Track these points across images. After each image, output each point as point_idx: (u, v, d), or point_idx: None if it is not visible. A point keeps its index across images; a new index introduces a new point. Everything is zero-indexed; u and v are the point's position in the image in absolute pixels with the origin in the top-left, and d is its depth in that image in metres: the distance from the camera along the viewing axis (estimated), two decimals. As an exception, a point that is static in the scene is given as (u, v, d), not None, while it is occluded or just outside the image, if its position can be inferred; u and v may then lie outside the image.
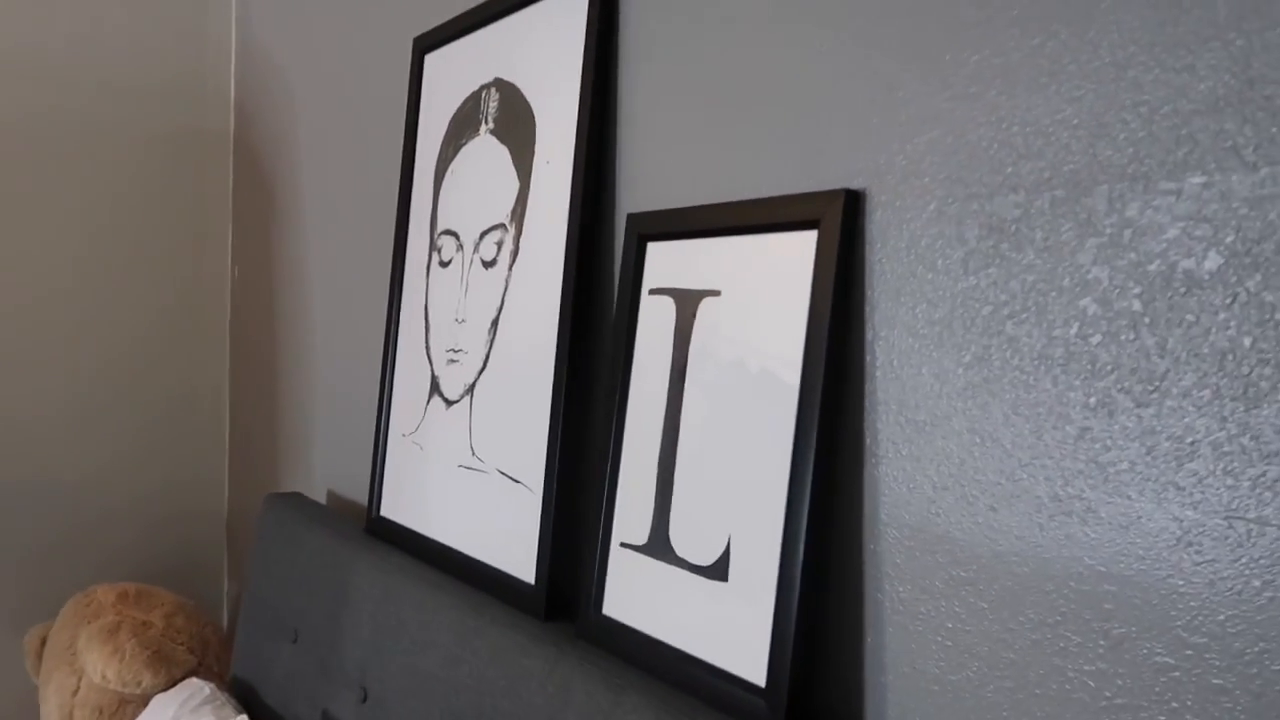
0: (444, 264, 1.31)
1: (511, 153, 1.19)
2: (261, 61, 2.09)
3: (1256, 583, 0.55)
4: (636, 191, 1.03)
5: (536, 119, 1.14)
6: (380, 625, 1.23)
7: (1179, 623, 0.59)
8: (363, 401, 1.63)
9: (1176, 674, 0.59)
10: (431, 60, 1.40)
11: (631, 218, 1.00)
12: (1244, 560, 0.56)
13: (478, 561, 1.16)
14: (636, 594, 0.94)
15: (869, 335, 0.77)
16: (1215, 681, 0.57)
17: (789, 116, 0.85)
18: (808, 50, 0.83)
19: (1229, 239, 0.56)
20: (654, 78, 1.00)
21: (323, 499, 1.77)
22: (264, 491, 2.07)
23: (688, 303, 0.92)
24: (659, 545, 0.92)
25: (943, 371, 0.72)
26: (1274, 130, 0.55)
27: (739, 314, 0.86)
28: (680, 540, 0.90)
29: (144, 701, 1.75)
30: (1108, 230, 0.62)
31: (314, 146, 1.85)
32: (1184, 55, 0.58)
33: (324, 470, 1.79)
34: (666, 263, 0.96)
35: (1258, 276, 0.55)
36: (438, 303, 1.32)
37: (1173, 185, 0.59)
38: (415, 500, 1.32)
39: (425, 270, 1.35)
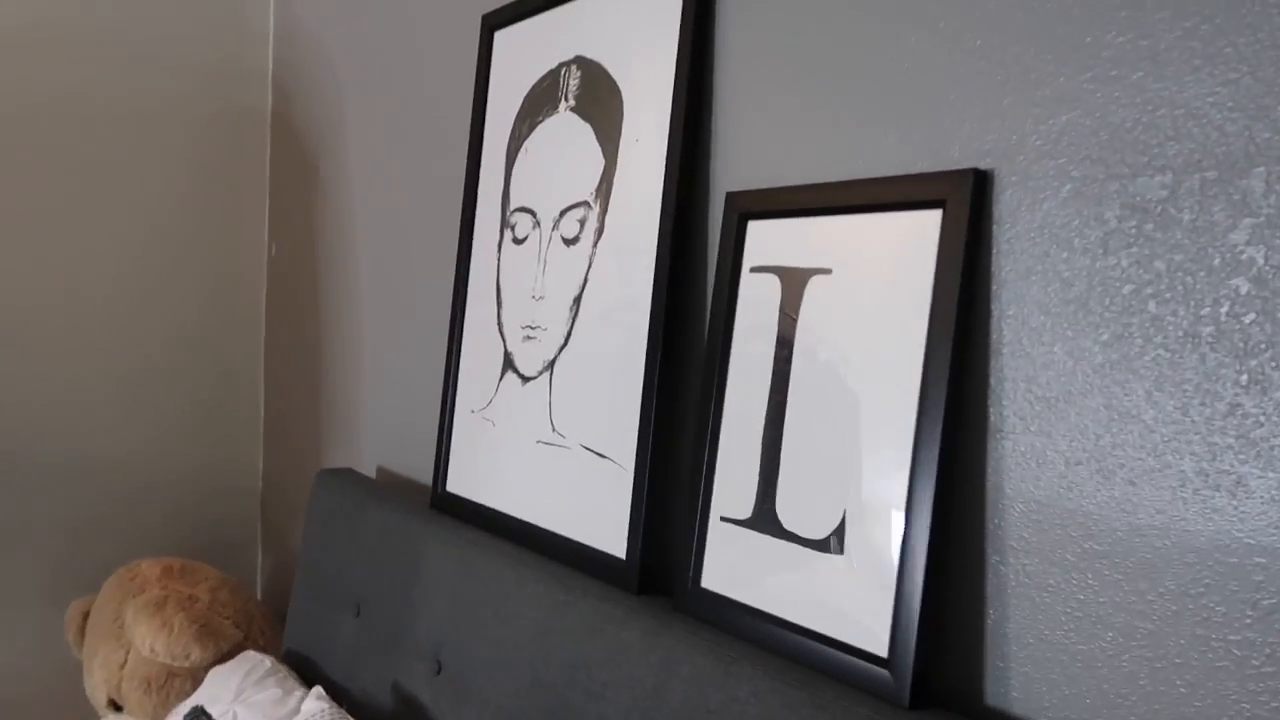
0: (518, 241, 1.31)
1: (595, 130, 1.19)
2: (303, 39, 2.08)
3: None
4: (732, 169, 1.04)
5: (624, 96, 1.15)
6: (457, 598, 1.24)
7: (1333, 593, 0.61)
8: (418, 378, 1.63)
9: (1329, 643, 0.61)
10: (502, 37, 1.40)
11: (731, 196, 1.01)
12: (1407, 533, 0.57)
13: (560, 536, 1.17)
14: (739, 567, 0.95)
15: (995, 313, 0.79)
16: (1372, 650, 0.59)
17: (905, 96, 0.85)
18: (929, 29, 0.84)
19: (1399, 220, 0.58)
20: (753, 55, 1.01)
21: (372, 475, 1.77)
22: (302, 468, 2.08)
23: (794, 280, 0.93)
24: (765, 519, 0.93)
25: (1077, 349, 0.73)
26: None
27: (853, 291, 0.87)
28: (788, 514, 0.91)
29: (191, 675, 1.76)
30: (1264, 212, 0.63)
31: (361, 124, 1.84)
32: (1353, 39, 0.60)
33: (374, 447, 1.80)
34: (769, 240, 0.97)
35: None
36: (511, 279, 1.32)
37: (1338, 167, 0.60)
38: (487, 476, 1.33)
39: (497, 247, 1.36)
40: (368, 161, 1.82)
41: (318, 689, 1.27)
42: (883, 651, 0.81)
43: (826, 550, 0.87)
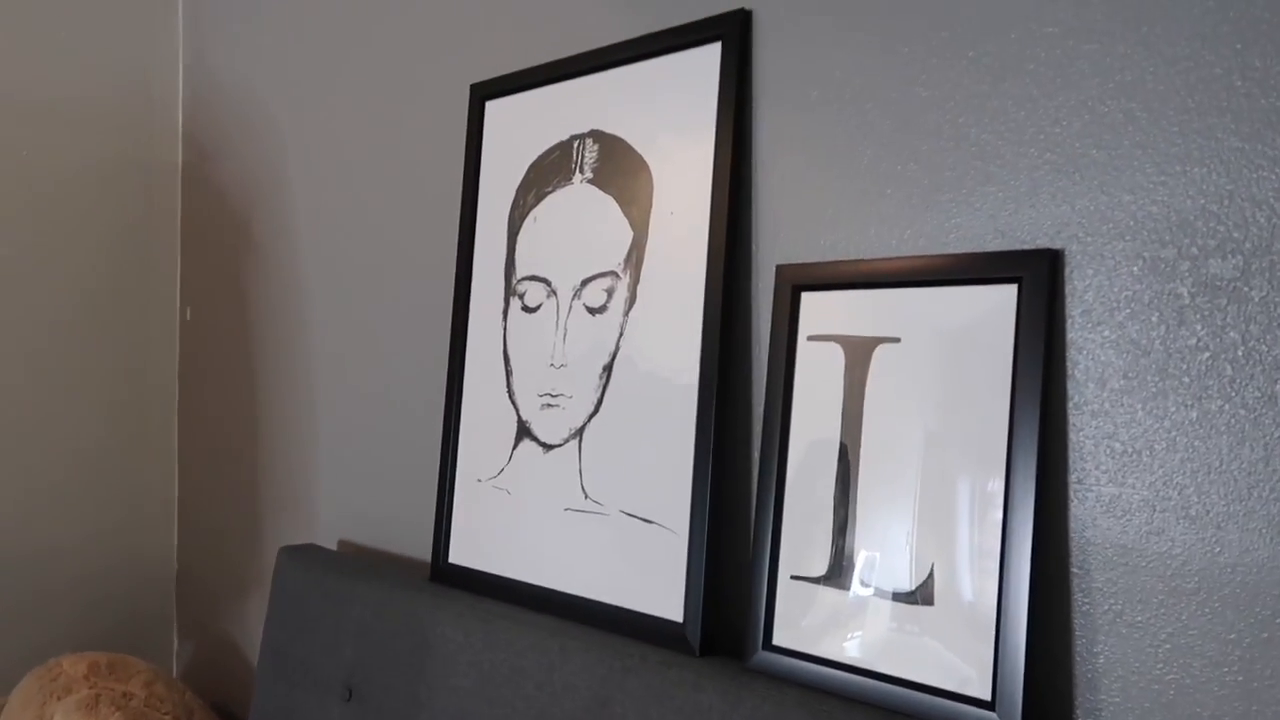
0: (529, 309, 1.32)
1: (619, 202, 1.23)
2: (221, 96, 2.01)
3: None
4: (776, 242, 1.10)
5: (652, 170, 1.19)
6: (485, 674, 1.21)
7: None
8: (393, 450, 1.59)
9: None
10: (495, 107, 1.42)
11: (783, 268, 1.07)
12: None
13: (599, 603, 1.18)
14: (815, 624, 0.99)
15: (1073, 378, 0.87)
16: None
17: (970, 181, 0.94)
18: (991, 122, 0.93)
19: None
20: (794, 133, 1.08)
21: (333, 548, 1.70)
22: (227, 547, 1.96)
23: (860, 349, 1.00)
24: (841, 575, 0.98)
25: (1158, 410, 0.83)
26: None
27: (925, 359, 0.95)
28: (867, 570, 0.96)
29: (130, 779, 1.62)
30: (1330, 289, 0.75)
31: (308, 184, 1.79)
32: (1401, 149, 0.72)
33: (332, 521, 1.73)
34: (827, 311, 1.03)
35: None
36: (522, 348, 1.32)
37: (1394, 254, 0.72)
38: (505, 546, 1.31)
39: (502, 315, 1.36)
40: (319, 222, 1.77)
41: (335, 781, 1.20)
42: (986, 694, 0.86)
43: (915, 602, 0.93)
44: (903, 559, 0.94)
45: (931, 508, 0.93)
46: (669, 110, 1.18)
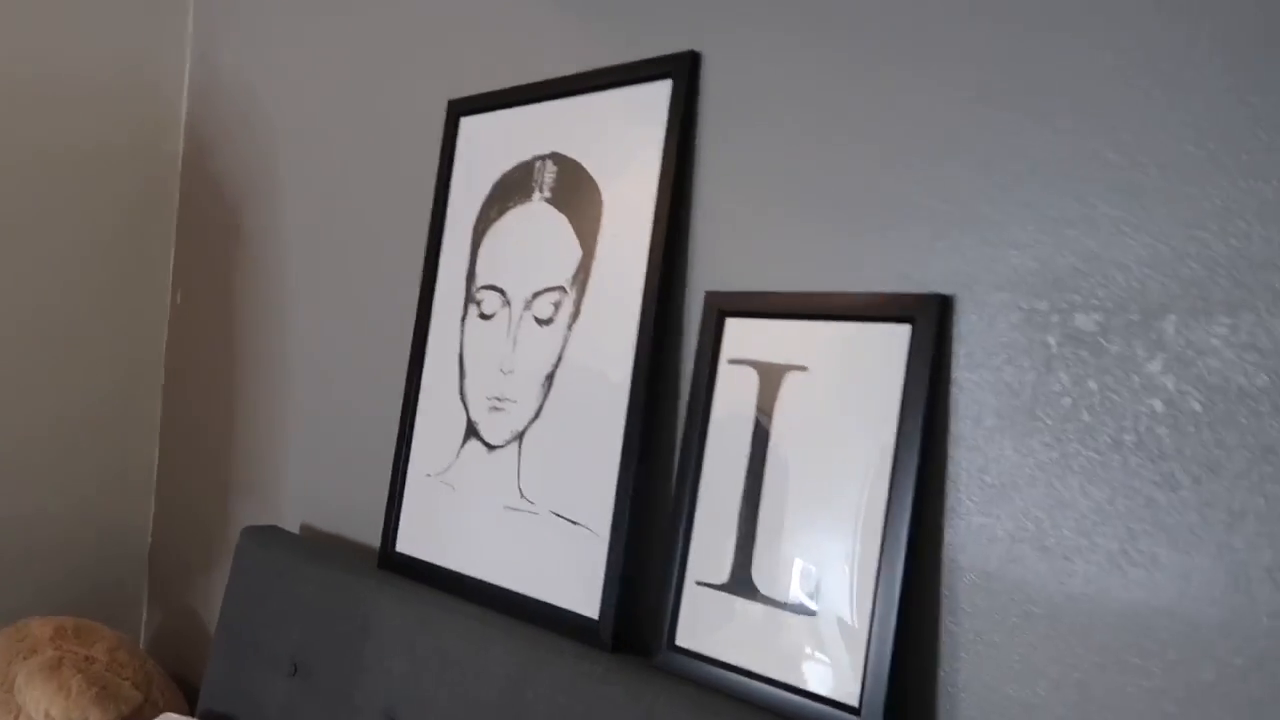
0: (485, 316, 1.40)
1: (571, 221, 1.30)
2: (225, 91, 2.10)
3: (1290, 618, 0.75)
4: (708, 270, 1.17)
5: (603, 194, 1.27)
6: (416, 657, 1.29)
7: (1223, 649, 0.78)
8: (358, 440, 1.67)
9: (1221, 689, 0.78)
10: (469, 123, 1.50)
11: (711, 295, 1.14)
12: (1280, 601, 0.76)
13: (528, 597, 1.25)
14: (714, 627, 1.07)
15: (954, 413, 0.95)
16: (1255, 694, 0.77)
17: (878, 225, 1.02)
18: (902, 173, 1.01)
19: (1273, 364, 0.77)
20: (732, 171, 1.16)
21: (295, 531, 1.78)
22: (200, 524, 2.05)
23: (772, 374, 1.07)
24: (741, 584, 1.05)
25: (1024, 448, 0.90)
26: (1310, 289, 0.76)
27: (828, 388, 1.02)
28: (764, 580, 1.04)
29: (87, 739, 1.69)
30: (1175, 348, 0.82)
31: (298, 182, 1.88)
32: (1241, 224, 0.79)
33: (297, 504, 1.81)
34: (747, 337, 1.11)
35: (1296, 394, 0.76)
36: (476, 352, 1.40)
37: (1229, 320, 0.79)
38: (446, 538, 1.39)
39: (460, 321, 1.44)
40: (304, 222, 1.86)
41: (268, 748, 1.28)
42: (854, 701, 0.94)
43: (801, 612, 1.00)
44: (794, 572, 1.01)
45: (823, 526, 1.00)
46: (621, 139, 1.26)
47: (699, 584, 1.09)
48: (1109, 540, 0.85)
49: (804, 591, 1.00)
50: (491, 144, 1.45)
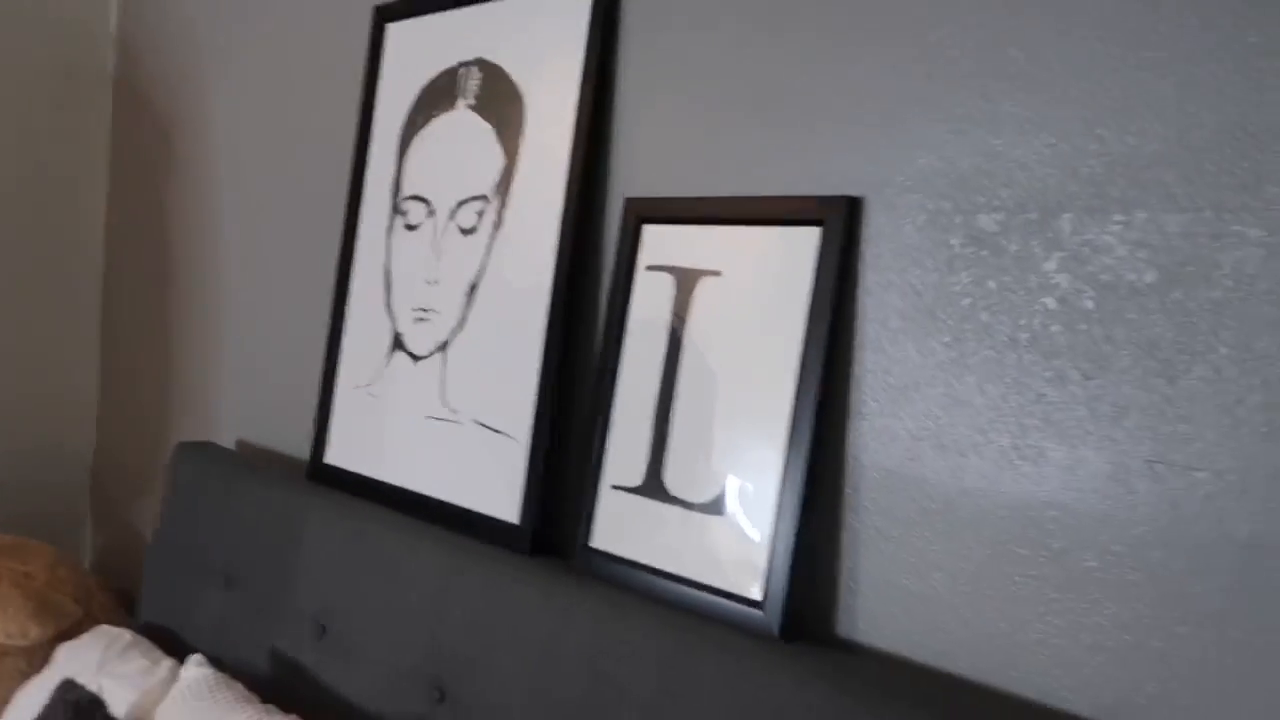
0: (411, 227, 1.38)
1: (495, 130, 1.28)
2: (155, 3, 2.02)
3: (1165, 506, 0.78)
4: (629, 176, 1.16)
5: (526, 101, 1.25)
6: (343, 565, 1.30)
7: (1104, 537, 0.81)
8: (288, 354, 1.66)
9: (1100, 574, 0.81)
10: (395, 30, 1.46)
11: (629, 201, 1.13)
12: (1158, 493, 0.78)
13: (451, 505, 1.26)
14: (628, 529, 1.08)
15: (860, 316, 0.95)
16: (1129, 578, 0.79)
17: (792, 128, 1.01)
18: (814, 74, 0.99)
19: (1163, 260, 0.78)
20: (654, 75, 1.14)
21: (232, 447, 1.77)
22: (143, 442, 2.03)
23: (687, 279, 1.07)
24: (653, 486, 1.07)
25: (925, 348, 0.91)
26: (1201, 184, 0.76)
27: (740, 292, 1.02)
28: (675, 482, 1.05)
29: (25, 654, 1.70)
30: (1070, 247, 0.83)
31: (227, 95, 1.83)
32: (1138, 121, 0.80)
33: (233, 420, 1.80)
34: (664, 243, 1.10)
35: (1181, 290, 0.77)
36: (402, 264, 1.39)
37: (1123, 218, 0.80)
38: (372, 449, 1.39)
39: (386, 231, 1.42)
40: (234, 134, 1.81)
41: (197, 656, 1.29)
42: (758, 595, 0.96)
43: (709, 512, 1.02)
44: (704, 473, 1.03)
45: (731, 428, 1.01)
46: (544, 46, 1.23)
47: (614, 487, 1.11)
48: (1002, 436, 0.86)
49: (713, 492, 1.02)
50: (417, 51, 1.42)
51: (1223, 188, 0.76)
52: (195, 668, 1.27)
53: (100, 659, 1.41)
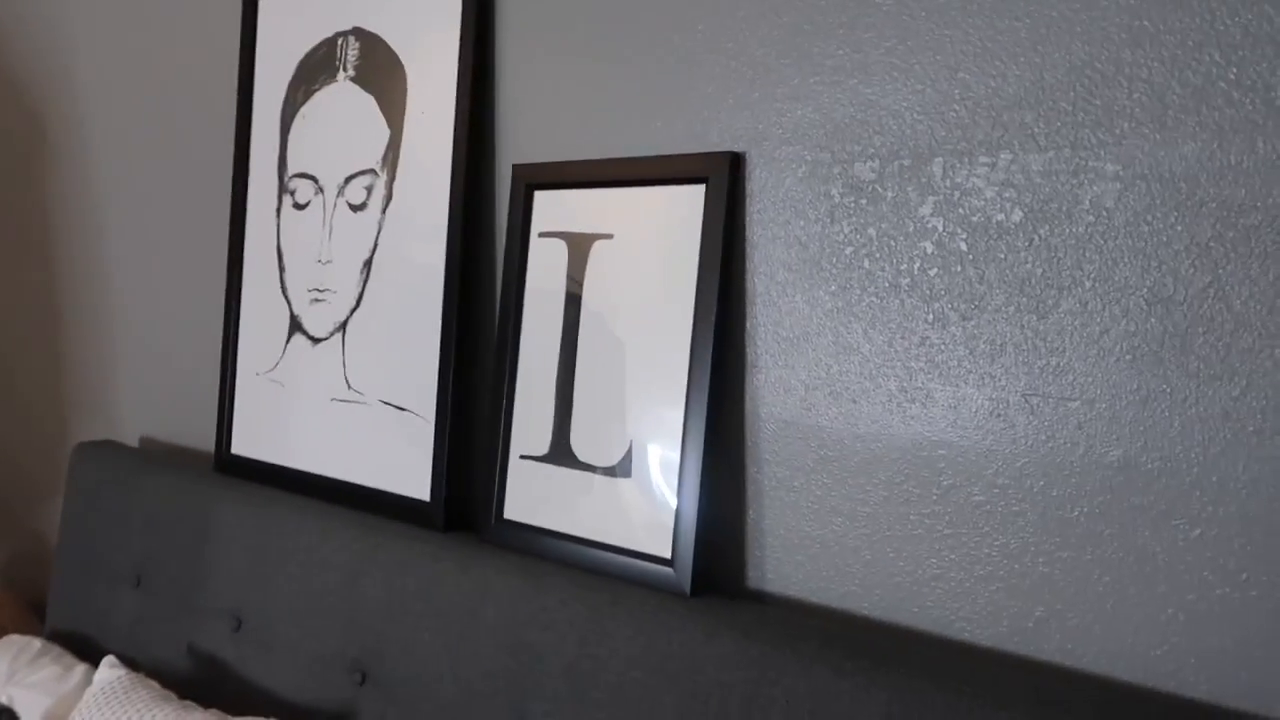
0: (300, 206, 1.35)
1: (378, 100, 1.25)
2: (16, -22, 1.91)
3: (1043, 437, 0.81)
4: (517, 143, 1.15)
5: (407, 70, 1.22)
6: (256, 556, 1.28)
7: (989, 471, 0.84)
8: (186, 344, 1.61)
9: (988, 507, 0.84)
10: (268, 1, 1.40)
11: (518, 168, 1.12)
12: (1035, 424, 0.81)
13: (362, 487, 1.25)
14: (539, 498, 1.09)
15: (749, 271, 0.96)
16: (1014, 508, 0.82)
17: (673, 85, 1.01)
18: (691, 29, 0.99)
19: (1028, 199, 0.80)
20: (533, 37, 1.12)
21: (135, 445, 1.72)
22: (40, 447, 1.96)
23: (580, 244, 1.07)
24: (561, 453, 1.07)
25: (813, 299, 0.92)
26: (1058, 123, 0.79)
27: (632, 253, 1.02)
28: (582, 447, 1.05)
29: (-67, 671, 1.64)
30: (942, 191, 0.84)
31: (99, 79, 1.75)
32: (998, 64, 0.81)
33: (134, 417, 1.74)
34: (555, 209, 1.09)
35: (1046, 227, 0.80)
36: (293, 244, 1.35)
37: (989, 160, 0.82)
38: (279, 436, 1.36)
39: (275, 212, 1.38)
40: (110, 118, 1.73)
41: (110, 658, 1.26)
42: (667, 553, 0.97)
43: (616, 475, 1.02)
44: (609, 436, 1.03)
45: (633, 390, 1.01)
46: (421, 10, 1.20)
47: (522, 457, 1.11)
48: (889, 381, 0.88)
49: (619, 454, 1.02)
50: (292, 22, 1.37)
51: (1079, 125, 0.78)
52: (109, 670, 1.24)
53: (9, 669, 1.37)
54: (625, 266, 1.03)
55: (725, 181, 0.95)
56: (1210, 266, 0.73)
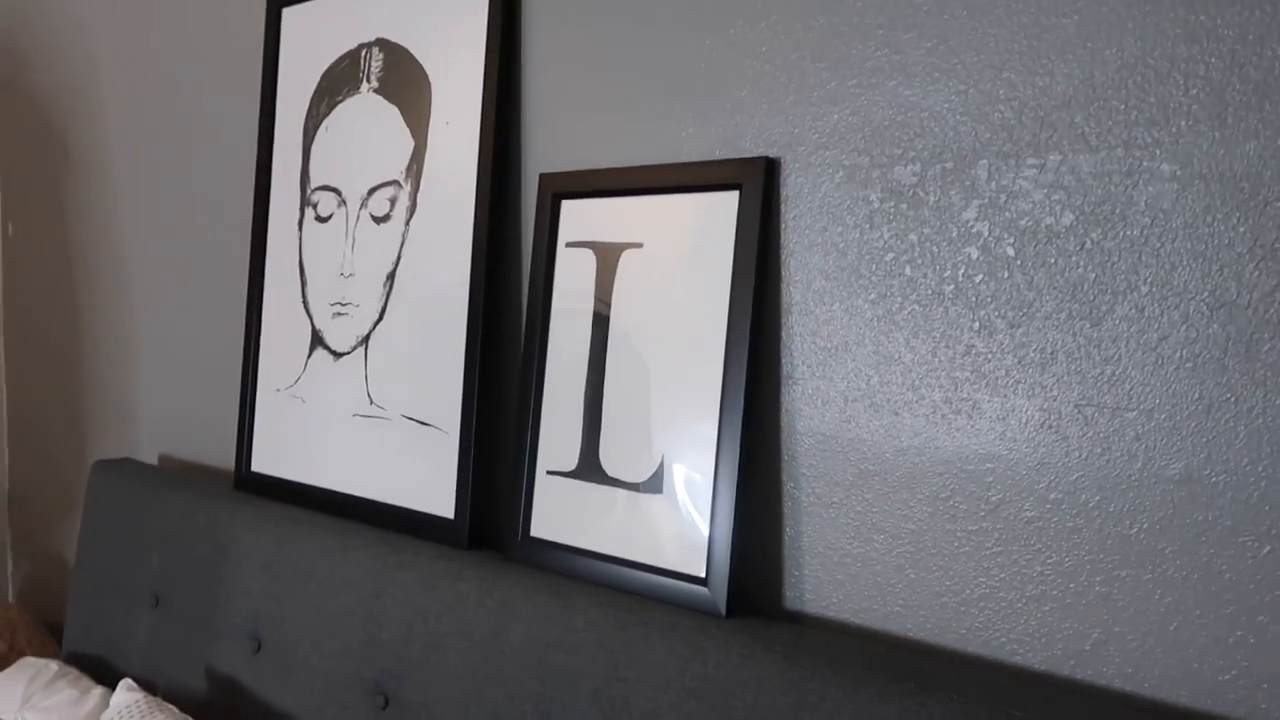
0: (322, 219, 1.33)
1: (402, 111, 1.23)
2: (39, 8, 1.92)
3: (1098, 449, 0.77)
4: (543, 152, 1.13)
5: (431, 80, 1.20)
6: (276, 575, 1.25)
7: (1041, 485, 0.80)
8: (206, 361, 1.59)
9: (1040, 523, 0.80)
10: (291, 14, 1.39)
11: (544, 177, 1.10)
12: (1089, 436, 0.77)
13: (384, 504, 1.22)
14: (566, 515, 1.05)
15: (785, 279, 0.93)
16: (1068, 524, 0.79)
17: (704, 90, 0.98)
18: (723, 33, 0.97)
19: (1079, 201, 0.77)
20: (561, 46, 1.10)
21: (154, 463, 1.70)
22: (60, 466, 1.95)
23: (609, 254, 1.04)
24: (589, 469, 1.04)
25: (852, 308, 0.89)
26: (1110, 123, 0.76)
27: (663, 263, 0.99)
28: (611, 463, 1.02)
29: (-52, 694, 1.62)
30: (987, 194, 0.81)
31: (121, 97, 1.74)
32: (1045, 62, 0.78)
33: (153, 435, 1.72)
34: (583, 218, 1.07)
35: (1099, 230, 0.76)
36: (315, 257, 1.33)
37: (1037, 161, 0.79)
38: (300, 453, 1.34)
39: (298, 225, 1.36)
40: (132, 135, 1.73)
41: (127, 681, 1.23)
42: (701, 572, 0.94)
43: (647, 491, 0.99)
44: (639, 451, 1.00)
45: (664, 403, 0.98)
46: (445, 20, 1.18)
47: (549, 473, 1.07)
48: (934, 391, 0.85)
49: (650, 470, 0.99)
50: (316, 34, 1.36)
51: (1132, 124, 0.75)
52: (125, 693, 1.21)
53: (24, 693, 1.34)
54: (656, 276, 1.00)
55: (759, 188, 0.93)
56: (1276, 269, 0.70)
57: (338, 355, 1.30)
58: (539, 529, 1.08)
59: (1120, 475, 0.76)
